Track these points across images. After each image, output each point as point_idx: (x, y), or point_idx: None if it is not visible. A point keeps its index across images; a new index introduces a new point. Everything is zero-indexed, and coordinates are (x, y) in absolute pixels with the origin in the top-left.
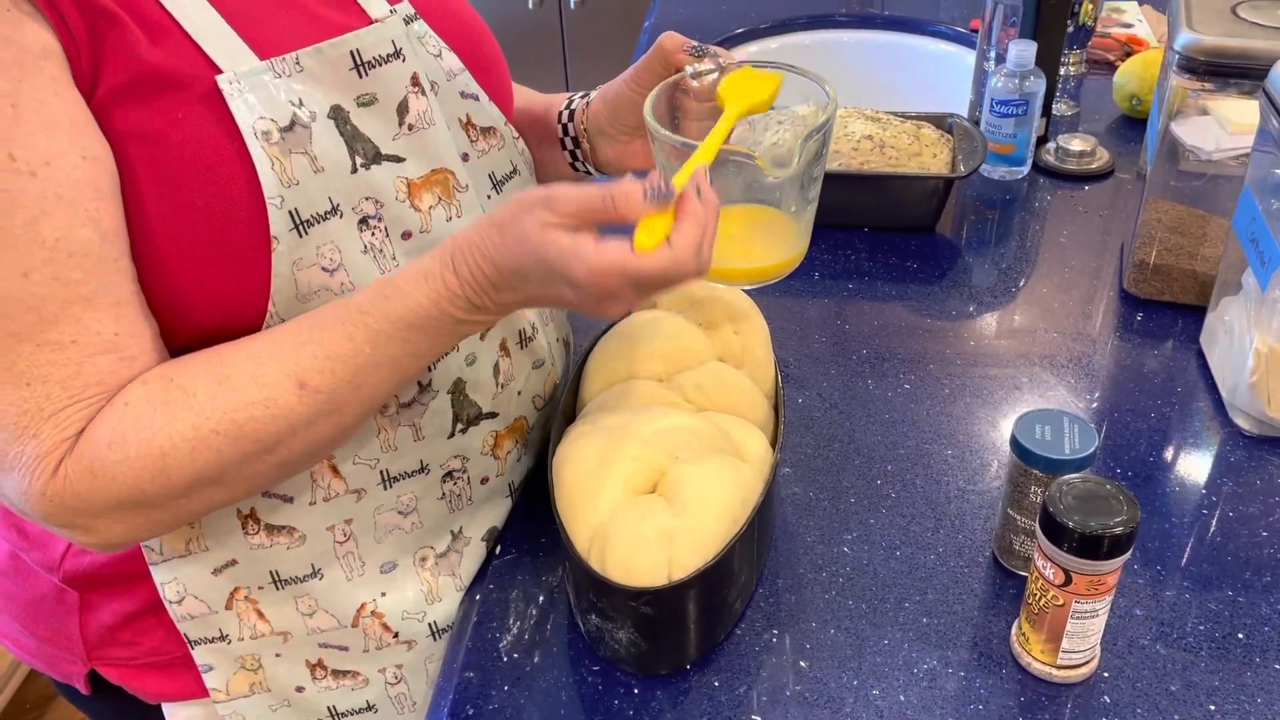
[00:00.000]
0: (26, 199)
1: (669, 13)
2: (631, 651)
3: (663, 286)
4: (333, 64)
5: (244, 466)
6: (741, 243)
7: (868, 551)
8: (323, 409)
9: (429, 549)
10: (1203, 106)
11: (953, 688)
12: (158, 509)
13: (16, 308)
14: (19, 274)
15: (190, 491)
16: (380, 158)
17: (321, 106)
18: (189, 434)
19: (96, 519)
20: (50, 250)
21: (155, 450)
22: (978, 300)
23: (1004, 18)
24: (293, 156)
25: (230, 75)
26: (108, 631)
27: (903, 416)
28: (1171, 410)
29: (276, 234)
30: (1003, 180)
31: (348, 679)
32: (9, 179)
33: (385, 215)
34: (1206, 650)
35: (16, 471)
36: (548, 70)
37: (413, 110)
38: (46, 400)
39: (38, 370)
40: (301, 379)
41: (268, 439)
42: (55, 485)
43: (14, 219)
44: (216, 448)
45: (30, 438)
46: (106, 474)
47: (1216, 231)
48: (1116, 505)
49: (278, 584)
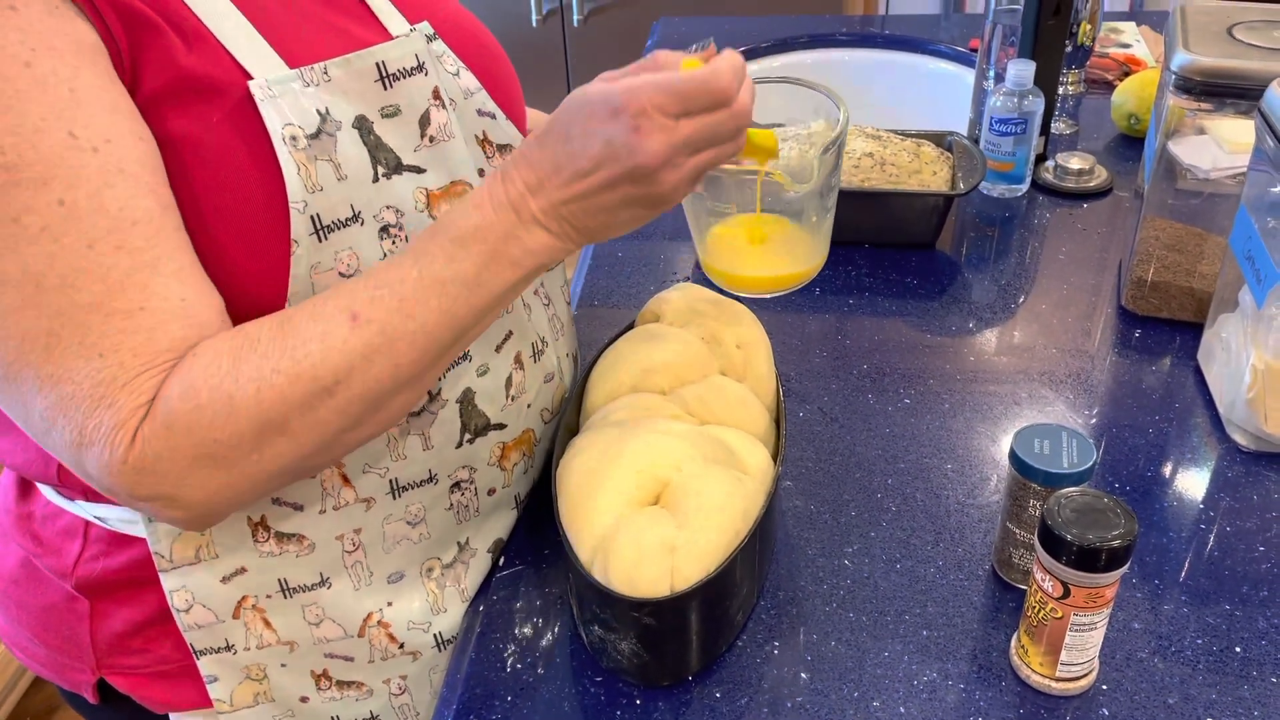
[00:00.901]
0: (89, 173)
1: (671, 31)
2: (634, 662)
3: (702, 103)
4: (359, 75)
5: (307, 413)
6: (765, 253)
7: (868, 564)
8: (374, 342)
9: (436, 560)
10: (1200, 126)
11: (953, 700)
12: (231, 466)
13: (84, 279)
14: (84, 246)
15: (260, 442)
16: (401, 168)
17: (347, 116)
18: (253, 375)
19: (179, 483)
20: (114, 220)
21: (223, 395)
22: (977, 316)
23: (1003, 37)
24: (318, 163)
25: (262, 81)
26: (118, 640)
27: (903, 431)
28: (1169, 426)
29: (296, 237)
30: (1002, 198)
31: (352, 689)
32: (71, 155)
33: (406, 224)
34: (1204, 664)
35: (97, 445)
36: (551, 87)
37: (434, 123)
38: (120, 369)
39: (109, 340)
40: (353, 310)
41: (324, 376)
42: (135, 452)
43: (78, 193)
44: (279, 387)
45: (107, 407)
46: (181, 426)
47: (1214, 249)
48: (1114, 518)
49: (286, 593)
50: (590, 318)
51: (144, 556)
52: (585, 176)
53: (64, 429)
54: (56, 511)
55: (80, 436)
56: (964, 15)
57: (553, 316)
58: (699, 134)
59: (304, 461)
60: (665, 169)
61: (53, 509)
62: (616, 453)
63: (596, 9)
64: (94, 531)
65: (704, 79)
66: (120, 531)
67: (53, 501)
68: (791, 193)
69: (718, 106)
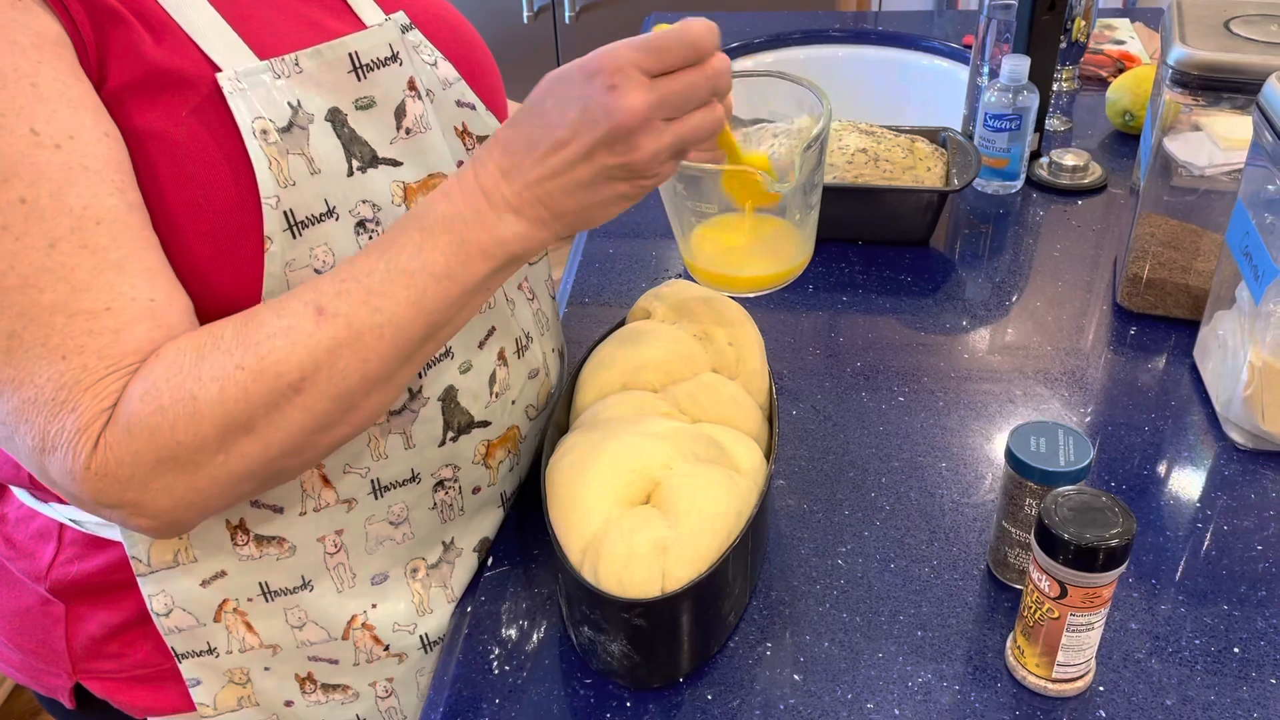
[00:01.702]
0: (52, 170)
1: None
2: (624, 664)
3: (677, 55)
4: (331, 66)
5: (272, 412)
6: (749, 252)
7: (862, 564)
8: (340, 336)
9: (420, 560)
10: (1195, 122)
11: (947, 701)
12: (197, 469)
13: (47, 279)
14: (46, 245)
15: (224, 443)
16: (377, 161)
17: (319, 109)
18: (216, 373)
19: (143, 489)
20: (78, 218)
21: (186, 394)
22: (971, 314)
23: (998, 33)
24: (290, 157)
25: (230, 74)
26: (94, 644)
27: (897, 429)
28: (1165, 424)
29: (269, 234)
30: (996, 194)
31: (337, 693)
32: (33, 153)
33: (383, 219)
34: (1202, 664)
35: (59, 450)
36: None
37: (410, 114)
38: (84, 371)
39: (73, 341)
40: (319, 304)
41: (290, 373)
42: (98, 458)
43: (39, 190)
44: (242, 385)
45: (69, 412)
46: (142, 428)
47: (1210, 246)
48: (1112, 517)
49: (267, 596)
50: (581, 315)
51: (120, 560)
52: (562, 147)
53: (26, 434)
54: (30, 514)
55: (43, 441)
56: (957, 11)
57: (537, 311)
58: (675, 92)
59: (272, 464)
60: (644, 132)
61: (26, 511)
62: (607, 451)
63: (588, 5)
64: (69, 535)
65: (677, 31)
66: (96, 535)
67: (25, 504)
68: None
69: (693, 61)
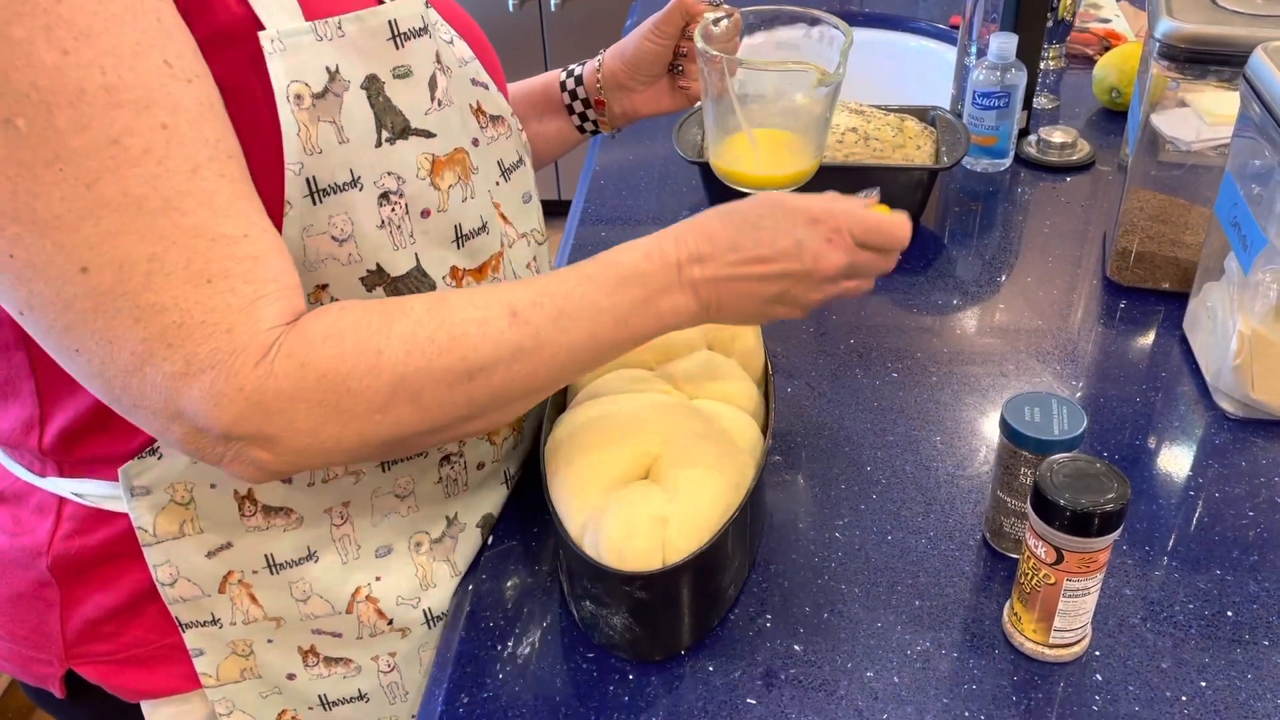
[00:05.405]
0: (188, 102)
1: (649, 13)
2: (626, 637)
3: (880, 243)
4: (373, 32)
5: (443, 389)
6: (772, 155)
7: (859, 536)
8: (526, 344)
9: (424, 534)
10: (1181, 99)
11: (946, 668)
12: (351, 420)
13: (190, 201)
14: (189, 169)
15: (389, 404)
16: (409, 132)
17: (356, 75)
18: (406, 335)
19: (288, 425)
20: (213, 149)
21: (372, 347)
22: (963, 291)
23: (985, 13)
24: (320, 125)
25: (272, 33)
26: (90, 625)
27: (891, 404)
28: (1156, 395)
29: (290, 199)
30: (985, 172)
31: (340, 666)
32: (169, 83)
33: (406, 191)
34: (1196, 628)
35: (209, 372)
36: (528, 72)
37: (439, 86)
38: (232, 294)
39: (217, 265)
40: (515, 308)
41: (473, 360)
42: (255, 379)
43: (179, 118)
44: (430, 356)
45: (224, 333)
46: (318, 366)
47: (1198, 219)
48: (1107, 483)
49: (272, 568)
50: None
51: (122, 532)
52: (760, 262)
53: (165, 360)
54: (26, 489)
55: (187, 365)
56: None
57: None
58: (866, 265)
59: (414, 437)
60: (828, 282)
61: (21, 485)
62: (605, 427)
63: None
64: (68, 509)
65: (894, 227)
66: (98, 507)
67: (21, 478)
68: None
69: (889, 252)
